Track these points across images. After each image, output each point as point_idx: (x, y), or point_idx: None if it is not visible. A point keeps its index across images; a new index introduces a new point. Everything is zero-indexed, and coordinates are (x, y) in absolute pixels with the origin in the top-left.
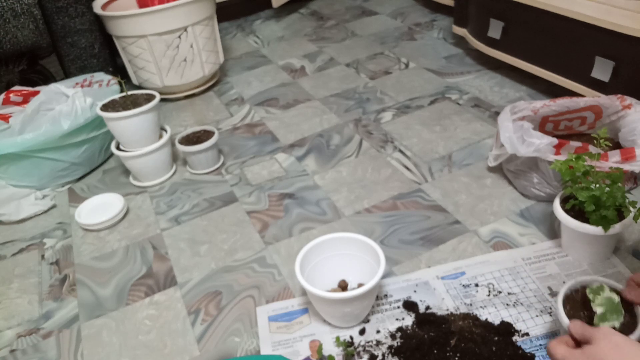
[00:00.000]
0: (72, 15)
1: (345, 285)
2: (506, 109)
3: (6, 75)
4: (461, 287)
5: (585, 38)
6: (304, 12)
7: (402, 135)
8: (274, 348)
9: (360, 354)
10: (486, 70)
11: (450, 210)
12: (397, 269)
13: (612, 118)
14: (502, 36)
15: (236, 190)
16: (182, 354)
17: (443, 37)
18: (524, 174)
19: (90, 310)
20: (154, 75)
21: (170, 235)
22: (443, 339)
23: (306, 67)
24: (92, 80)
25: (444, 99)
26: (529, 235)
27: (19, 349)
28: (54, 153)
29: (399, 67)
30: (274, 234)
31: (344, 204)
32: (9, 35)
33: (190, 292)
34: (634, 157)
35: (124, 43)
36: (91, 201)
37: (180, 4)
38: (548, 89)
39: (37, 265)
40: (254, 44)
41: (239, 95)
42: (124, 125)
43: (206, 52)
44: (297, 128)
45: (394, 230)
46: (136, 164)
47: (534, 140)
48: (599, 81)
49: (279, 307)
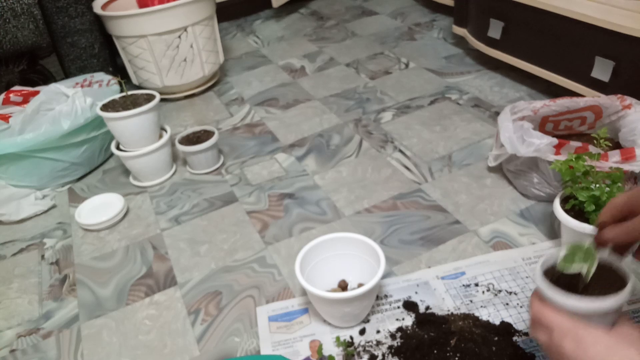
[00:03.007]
0: (72, 15)
1: (345, 285)
2: (506, 109)
3: (6, 75)
4: (461, 287)
5: (585, 38)
6: (304, 12)
7: (402, 135)
8: (274, 348)
9: (360, 354)
10: (486, 70)
11: (450, 210)
12: (397, 269)
13: (612, 118)
14: (502, 36)
15: (236, 190)
16: (182, 354)
17: (443, 37)
18: (524, 174)
19: (90, 310)
20: (154, 75)
21: (170, 235)
22: (443, 339)
23: (306, 67)
24: (92, 80)
25: (444, 99)
26: (529, 235)
27: (19, 349)
28: (54, 153)
29: (399, 67)
30: (274, 234)
31: (344, 204)
32: (9, 35)
33: (190, 292)
34: (634, 157)
35: (124, 43)
36: (91, 201)
37: (180, 4)
38: (548, 89)
39: (37, 265)
40: (254, 44)
41: (239, 95)
42: (124, 125)
43: (206, 52)
44: (297, 128)
45: (394, 230)
46: (136, 164)
47: (534, 140)
48: (599, 81)
49: (279, 307)
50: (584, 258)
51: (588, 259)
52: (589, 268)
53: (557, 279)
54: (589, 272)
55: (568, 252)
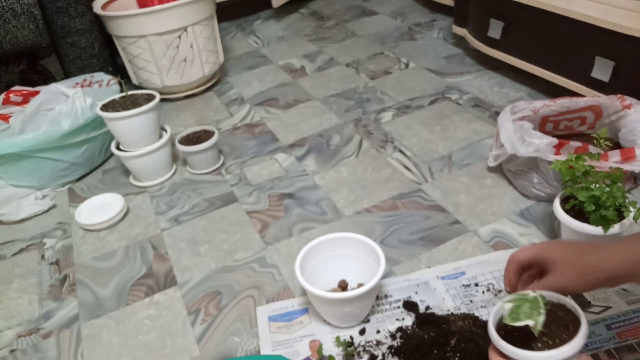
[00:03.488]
0: (72, 15)
1: (345, 285)
2: (506, 109)
3: (6, 75)
4: (461, 287)
5: (585, 38)
6: (304, 12)
7: (402, 135)
8: (274, 348)
9: (360, 354)
10: (486, 70)
11: (450, 210)
12: (397, 269)
13: (612, 118)
14: (502, 36)
15: (236, 190)
16: (182, 354)
17: (443, 37)
18: (524, 174)
19: (90, 310)
20: (154, 75)
21: (170, 235)
22: (443, 339)
23: (306, 67)
24: (92, 80)
25: (444, 99)
26: (529, 235)
27: (19, 349)
28: (54, 153)
29: (399, 67)
30: (274, 234)
31: (344, 204)
32: (9, 35)
33: (190, 292)
34: (634, 157)
35: (124, 43)
36: (91, 201)
37: (180, 4)
38: (548, 89)
39: (37, 265)
40: (254, 44)
41: (239, 95)
42: (124, 125)
43: (206, 52)
44: (297, 128)
45: (394, 230)
46: (136, 164)
47: (534, 140)
48: (599, 81)
49: (279, 307)
50: (530, 312)
51: (534, 312)
52: (537, 320)
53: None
54: (537, 324)
55: (513, 306)
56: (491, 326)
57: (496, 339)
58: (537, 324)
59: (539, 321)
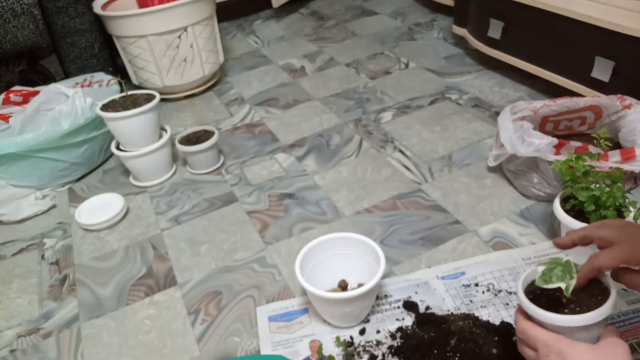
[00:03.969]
0: (72, 15)
1: (345, 285)
2: (506, 109)
3: (6, 75)
4: (461, 287)
5: (585, 38)
6: (304, 12)
7: (402, 135)
8: (274, 348)
9: (360, 354)
10: (486, 70)
11: (450, 210)
12: (397, 269)
13: (612, 118)
14: (502, 36)
15: (236, 190)
16: (182, 354)
17: (443, 37)
18: (524, 174)
19: (90, 310)
20: (154, 75)
21: (170, 235)
22: (443, 339)
23: (306, 67)
24: (92, 80)
25: (444, 99)
26: (529, 235)
27: (19, 349)
28: (54, 153)
29: (399, 67)
30: (274, 234)
31: (344, 204)
32: (9, 35)
33: (190, 292)
34: (634, 157)
35: (124, 43)
36: (91, 201)
37: (180, 4)
38: (548, 89)
39: (37, 265)
40: (254, 44)
41: (239, 95)
42: (124, 125)
43: (206, 52)
44: (297, 128)
45: (394, 230)
46: (136, 164)
47: (534, 140)
48: (599, 81)
49: (279, 307)
50: (562, 275)
51: (566, 275)
52: (568, 283)
53: (541, 293)
54: (568, 287)
55: (546, 268)
56: (520, 289)
57: (525, 301)
58: (569, 287)
59: (571, 284)
